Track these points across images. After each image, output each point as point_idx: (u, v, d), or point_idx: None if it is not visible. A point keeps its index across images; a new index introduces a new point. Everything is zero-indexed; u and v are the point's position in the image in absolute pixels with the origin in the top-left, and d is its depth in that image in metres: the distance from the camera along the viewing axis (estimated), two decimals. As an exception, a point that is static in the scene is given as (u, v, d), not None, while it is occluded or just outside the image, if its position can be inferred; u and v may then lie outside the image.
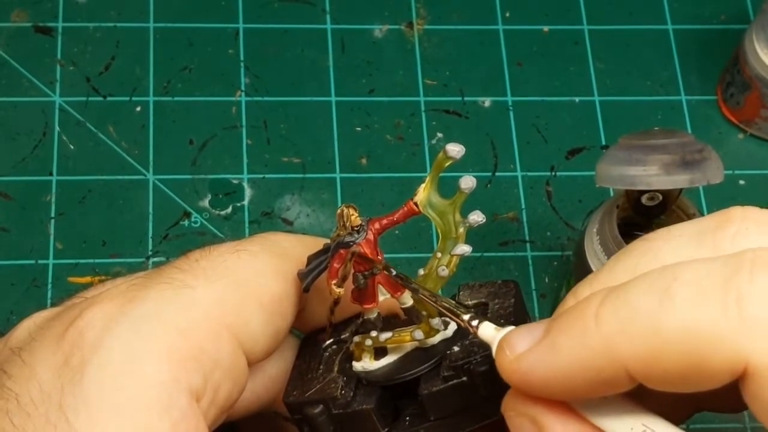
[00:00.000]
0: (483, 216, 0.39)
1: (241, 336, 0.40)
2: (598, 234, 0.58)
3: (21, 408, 0.36)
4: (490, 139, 0.72)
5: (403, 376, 0.41)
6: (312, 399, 0.42)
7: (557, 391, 0.34)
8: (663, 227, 0.36)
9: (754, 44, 0.69)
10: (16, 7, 0.74)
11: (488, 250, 0.68)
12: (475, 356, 0.39)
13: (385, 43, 0.75)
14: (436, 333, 0.41)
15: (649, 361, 0.31)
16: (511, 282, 0.43)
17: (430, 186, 0.40)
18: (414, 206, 0.40)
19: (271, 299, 0.41)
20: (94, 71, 0.73)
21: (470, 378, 0.39)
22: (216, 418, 0.40)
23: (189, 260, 0.41)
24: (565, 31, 0.77)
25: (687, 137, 0.55)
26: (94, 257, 0.67)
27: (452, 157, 0.39)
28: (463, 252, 0.39)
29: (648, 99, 0.75)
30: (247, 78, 0.73)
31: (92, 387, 0.36)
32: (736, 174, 0.72)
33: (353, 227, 0.40)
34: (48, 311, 0.41)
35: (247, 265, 0.41)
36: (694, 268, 0.32)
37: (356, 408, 0.41)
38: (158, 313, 0.38)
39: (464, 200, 0.39)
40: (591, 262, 0.58)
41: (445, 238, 0.40)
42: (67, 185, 0.69)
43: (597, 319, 0.32)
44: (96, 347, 0.37)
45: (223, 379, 0.39)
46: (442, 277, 0.40)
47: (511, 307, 0.41)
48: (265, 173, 0.70)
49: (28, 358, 0.38)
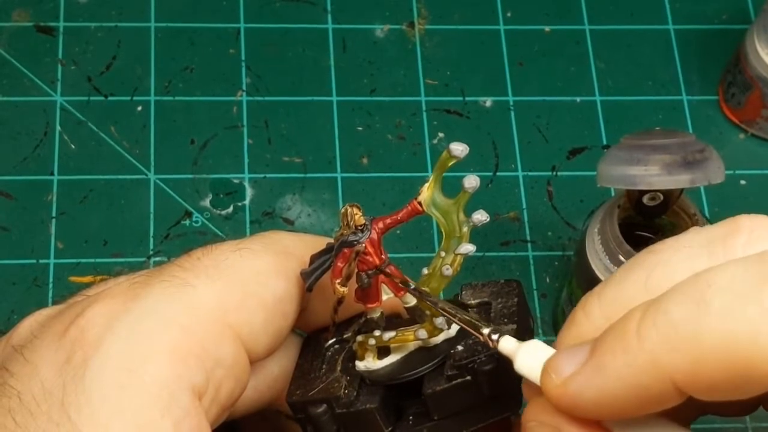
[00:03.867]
0: (487, 215, 0.39)
1: (243, 334, 0.40)
2: (599, 234, 0.58)
3: (23, 406, 0.36)
4: (491, 139, 0.72)
5: (407, 375, 0.41)
6: (315, 398, 0.42)
7: (606, 412, 0.33)
8: (670, 237, 0.36)
9: (755, 44, 0.69)
10: (18, 6, 0.74)
11: (489, 250, 0.68)
12: (479, 355, 0.39)
13: (386, 43, 0.75)
14: (439, 332, 0.41)
15: (695, 371, 0.31)
16: (514, 281, 0.43)
17: (433, 185, 0.40)
18: (418, 205, 0.40)
19: (273, 298, 0.41)
20: (96, 71, 0.73)
21: (474, 377, 0.39)
22: (218, 416, 0.40)
23: (191, 258, 0.41)
24: (566, 31, 0.77)
25: (688, 137, 0.55)
26: (95, 257, 0.67)
27: (456, 157, 0.39)
28: (467, 251, 0.39)
29: (649, 99, 0.75)
30: (248, 78, 0.73)
31: (94, 384, 0.36)
32: (737, 174, 0.72)
33: (357, 226, 0.40)
34: (50, 309, 0.41)
35: (249, 263, 0.41)
36: (725, 271, 0.31)
37: (359, 407, 0.41)
38: (160, 311, 0.38)
39: (468, 199, 0.39)
40: (592, 262, 0.58)
41: (449, 238, 0.40)
42: (68, 185, 0.69)
43: (638, 335, 0.32)
44: (98, 345, 0.37)
45: (225, 377, 0.39)
46: (446, 276, 0.40)
47: (515, 306, 0.41)
48: (266, 173, 0.70)
49: (30, 355, 0.38)
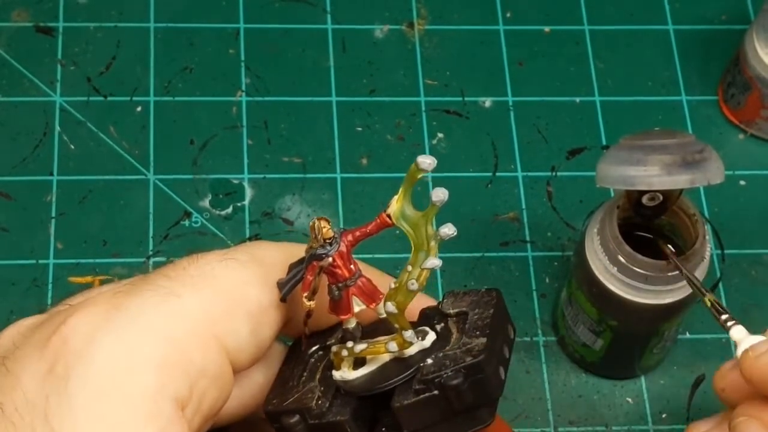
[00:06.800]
0: (454, 229, 0.39)
1: (227, 344, 0.40)
2: (598, 234, 0.58)
3: (6, 417, 0.36)
4: (490, 140, 0.72)
5: (379, 387, 0.41)
6: (289, 409, 0.42)
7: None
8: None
9: (755, 44, 0.69)
10: (17, 6, 0.74)
11: (489, 251, 0.68)
12: (446, 370, 0.39)
13: (385, 43, 0.75)
14: (410, 345, 0.41)
15: None
16: (494, 291, 0.43)
17: (402, 198, 0.39)
18: (387, 218, 0.40)
19: (258, 308, 0.41)
20: (95, 71, 0.73)
21: (442, 391, 0.39)
22: (201, 425, 0.40)
23: (176, 268, 0.41)
24: (566, 32, 0.77)
25: (687, 137, 0.55)
26: (95, 257, 0.67)
27: (424, 170, 0.39)
28: (434, 266, 0.39)
29: (649, 99, 0.75)
30: (247, 78, 0.73)
31: (77, 395, 0.36)
32: (737, 174, 0.72)
33: (325, 239, 0.40)
34: (32, 318, 0.41)
35: (235, 273, 0.41)
36: None
37: (331, 419, 0.41)
38: (145, 321, 0.38)
39: (436, 212, 0.39)
40: (591, 262, 0.58)
41: (416, 251, 0.40)
42: (67, 185, 0.69)
43: None
44: (81, 355, 0.37)
45: (209, 387, 0.39)
46: (412, 291, 0.39)
47: (489, 318, 0.41)
48: (266, 173, 0.70)
49: (12, 366, 0.37)
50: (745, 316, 0.66)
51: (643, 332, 0.61)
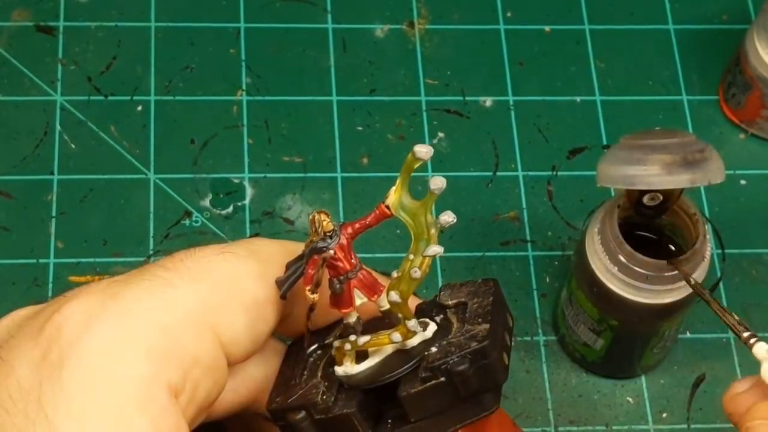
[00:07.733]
0: (453, 216, 0.39)
1: (222, 336, 0.40)
2: (599, 234, 0.58)
3: None
4: (491, 139, 0.72)
5: (383, 379, 0.41)
6: (294, 405, 0.42)
7: None
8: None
9: (756, 44, 0.69)
10: (18, 6, 0.74)
11: (489, 250, 0.68)
12: (452, 356, 0.39)
13: (386, 43, 0.75)
14: (413, 335, 0.41)
15: None
16: (491, 280, 0.43)
17: (400, 188, 0.40)
18: (385, 209, 0.40)
19: (254, 303, 0.41)
20: (96, 70, 0.73)
21: (448, 378, 0.39)
22: (195, 415, 0.40)
23: (174, 260, 0.41)
24: (566, 31, 0.77)
25: (688, 137, 0.55)
26: (95, 256, 0.67)
27: (420, 158, 0.39)
28: (435, 253, 0.39)
29: (649, 99, 0.75)
30: (248, 77, 0.73)
31: (71, 382, 0.36)
32: (737, 174, 0.72)
33: (325, 233, 0.40)
34: (27, 308, 0.41)
35: (232, 267, 0.41)
36: None
37: (337, 413, 0.41)
38: (139, 310, 0.38)
39: (435, 201, 0.39)
40: (592, 262, 0.58)
41: (417, 240, 0.40)
42: (68, 184, 0.69)
43: None
44: (75, 342, 0.37)
45: (203, 378, 0.39)
46: (415, 278, 0.40)
47: (489, 305, 0.41)
48: (266, 173, 0.70)
49: (6, 354, 0.37)
50: (745, 315, 0.66)
51: (643, 332, 0.61)
